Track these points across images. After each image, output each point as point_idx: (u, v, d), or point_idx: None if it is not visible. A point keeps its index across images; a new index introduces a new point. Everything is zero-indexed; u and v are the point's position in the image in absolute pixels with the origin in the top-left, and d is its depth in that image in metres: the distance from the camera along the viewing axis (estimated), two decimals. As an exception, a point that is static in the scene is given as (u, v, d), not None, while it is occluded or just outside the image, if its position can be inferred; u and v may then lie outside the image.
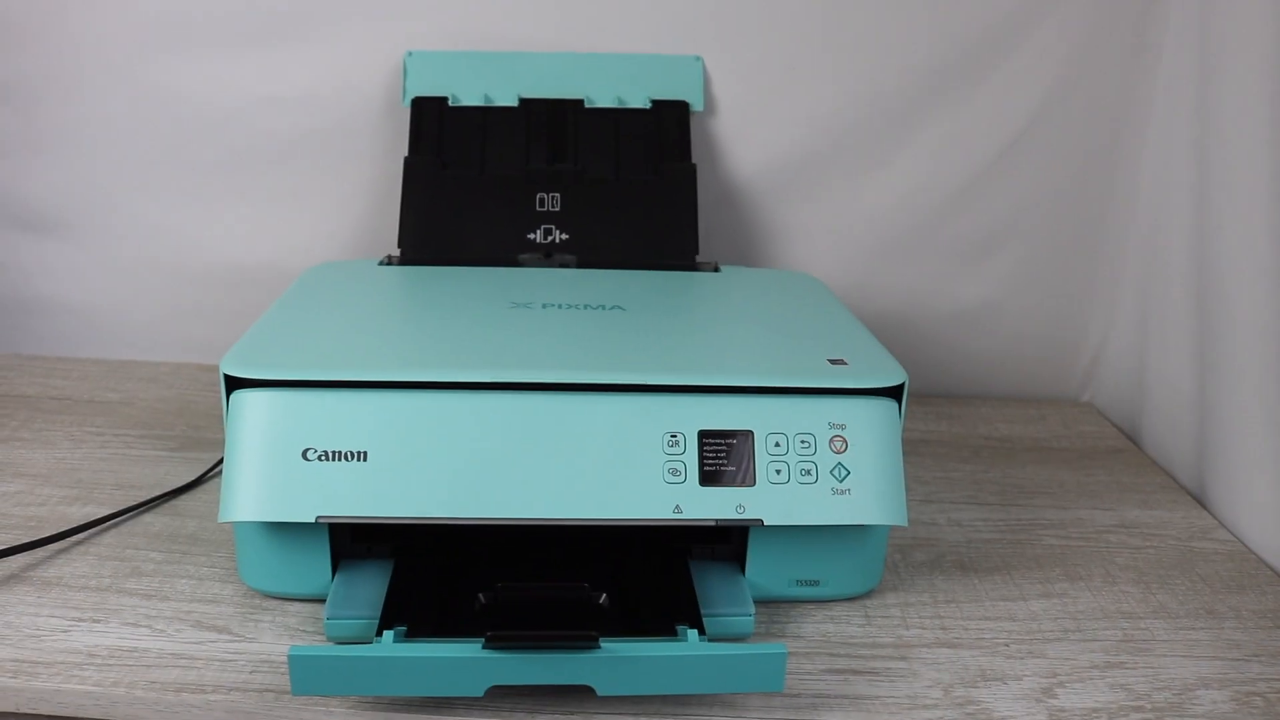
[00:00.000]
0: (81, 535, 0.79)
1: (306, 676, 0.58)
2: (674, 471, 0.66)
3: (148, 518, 0.82)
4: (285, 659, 0.59)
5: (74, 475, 0.88)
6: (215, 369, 0.67)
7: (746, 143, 1.06)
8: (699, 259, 1.00)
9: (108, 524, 0.81)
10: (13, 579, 0.73)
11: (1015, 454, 1.01)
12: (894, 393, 0.70)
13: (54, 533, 0.77)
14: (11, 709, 0.63)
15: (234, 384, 0.66)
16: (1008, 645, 0.70)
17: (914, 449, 1.00)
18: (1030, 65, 1.03)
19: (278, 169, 1.08)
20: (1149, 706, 0.64)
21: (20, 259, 1.14)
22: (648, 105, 1.03)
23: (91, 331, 1.16)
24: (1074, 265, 1.11)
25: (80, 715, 0.63)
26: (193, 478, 0.88)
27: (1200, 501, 0.93)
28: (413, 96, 1.02)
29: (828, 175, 1.07)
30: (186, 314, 1.14)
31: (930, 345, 1.14)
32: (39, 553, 0.76)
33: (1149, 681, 0.67)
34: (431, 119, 1.01)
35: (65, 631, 0.67)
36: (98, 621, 0.69)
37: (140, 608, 0.70)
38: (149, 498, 0.84)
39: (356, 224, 1.09)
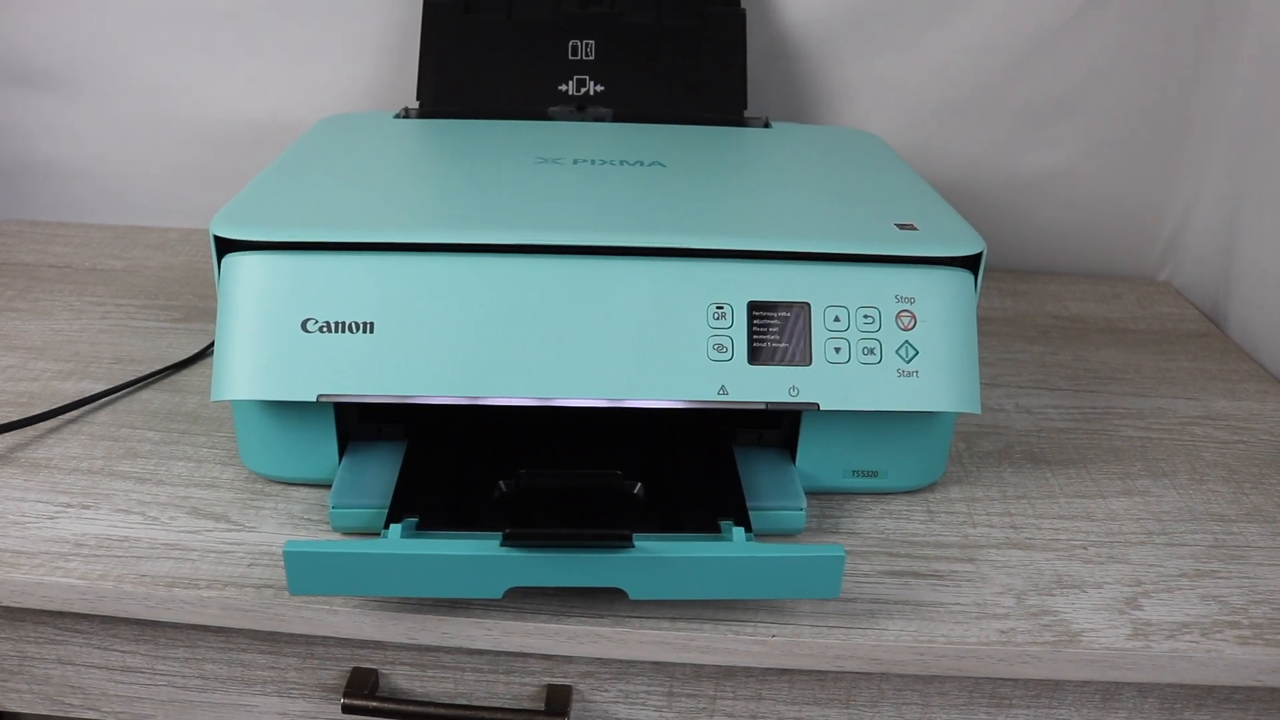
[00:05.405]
0: (75, 413, 0.75)
1: (304, 575, 0.53)
2: (719, 348, 0.61)
3: (146, 394, 0.78)
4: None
5: (70, 348, 0.84)
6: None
7: (801, -13, 1.00)
8: (747, 114, 0.94)
9: (103, 400, 0.77)
10: (-1, 460, 0.69)
11: (1087, 335, 0.96)
12: (970, 263, 0.64)
13: (45, 410, 0.73)
14: (-8, 601, 0.60)
15: (226, 246, 0.61)
16: (1085, 548, 0.65)
17: (976, 328, 0.94)
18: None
19: (290, 18, 1.03)
20: (1246, 623, 0.59)
21: (19, 118, 1.10)
22: (692, -57, 0.96)
23: (96, 196, 1.13)
24: (1158, 130, 1.04)
25: (65, 610, 0.60)
26: (196, 350, 0.83)
27: (1294, 391, 0.87)
28: (432, -67, 0.95)
29: (890, 26, 1.01)
30: (196, 176, 1.10)
31: (996, 215, 1.08)
32: (29, 431, 0.72)
33: (1245, 594, 0.61)
34: (453, -42, 0.95)
35: (52, 518, 0.64)
36: (87, 508, 0.65)
37: (133, 493, 0.67)
38: (149, 372, 0.80)
39: (374, 75, 1.05)
